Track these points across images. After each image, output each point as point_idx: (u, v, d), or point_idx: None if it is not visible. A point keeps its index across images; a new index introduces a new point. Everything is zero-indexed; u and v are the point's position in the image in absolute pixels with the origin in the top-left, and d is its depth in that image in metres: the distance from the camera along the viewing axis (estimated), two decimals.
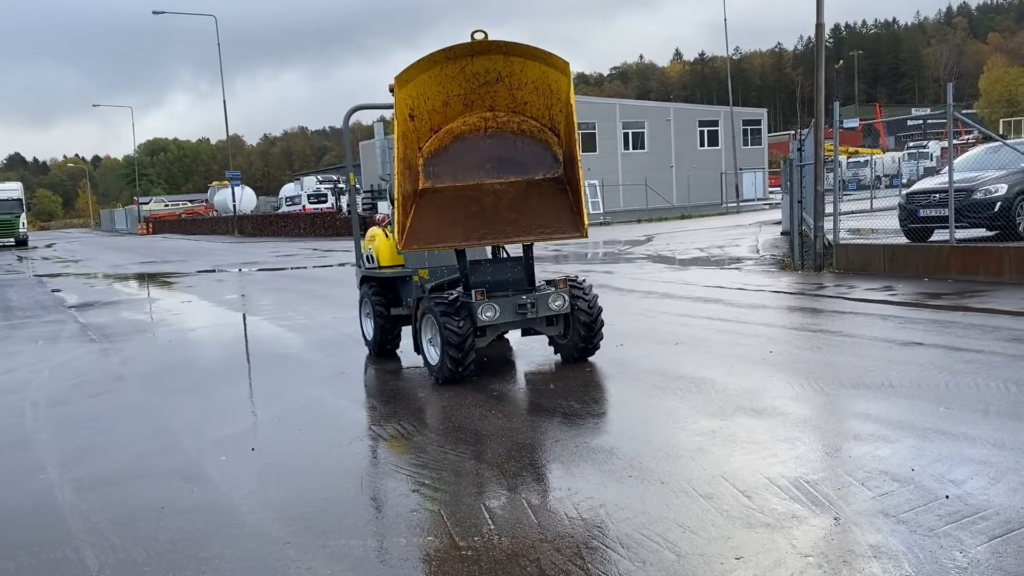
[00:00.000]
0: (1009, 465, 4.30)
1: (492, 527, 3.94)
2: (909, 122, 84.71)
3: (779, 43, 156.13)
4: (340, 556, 3.73)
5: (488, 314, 6.57)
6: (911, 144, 59.03)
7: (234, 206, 52.22)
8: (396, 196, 6.56)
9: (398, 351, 8.39)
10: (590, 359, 7.41)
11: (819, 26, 13.97)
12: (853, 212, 25.67)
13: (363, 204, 48.47)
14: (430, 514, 4.18)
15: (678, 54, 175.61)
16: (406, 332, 7.99)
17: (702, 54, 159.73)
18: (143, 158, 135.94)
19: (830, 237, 14.00)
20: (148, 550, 3.94)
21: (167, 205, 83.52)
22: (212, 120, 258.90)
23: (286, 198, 55.84)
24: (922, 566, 3.28)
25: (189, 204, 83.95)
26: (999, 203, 12.55)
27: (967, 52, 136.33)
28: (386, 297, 8.17)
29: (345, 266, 21.36)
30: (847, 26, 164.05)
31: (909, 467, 4.36)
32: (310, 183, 54.56)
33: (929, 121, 77.74)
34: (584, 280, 7.31)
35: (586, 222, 6.52)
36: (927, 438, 4.81)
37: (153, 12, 46.88)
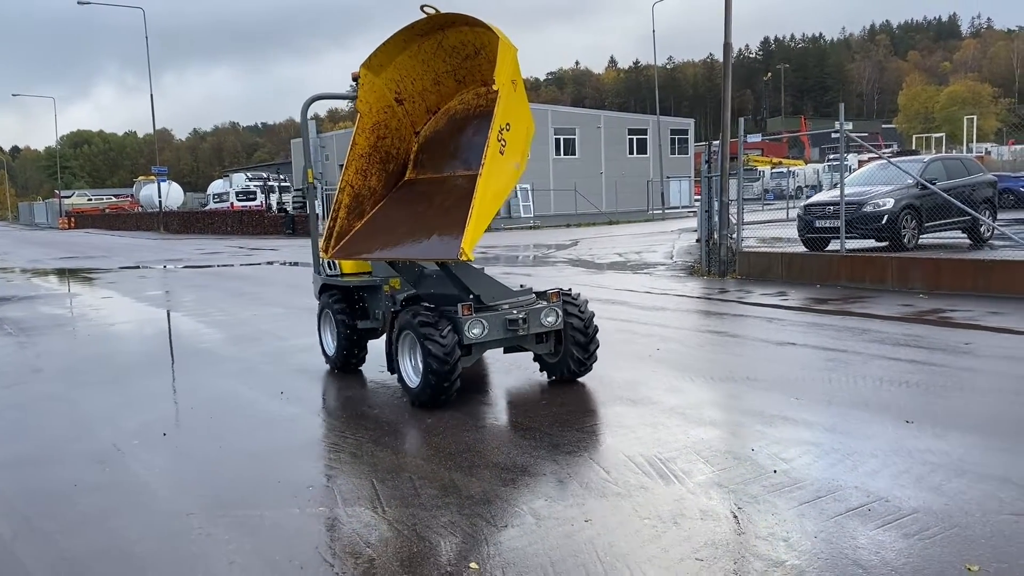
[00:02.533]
0: (834, 446, 4.96)
1: (380, 498, 4.42)
2: (834, 135, 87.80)
3: (711, 54, 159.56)
4: (239, 524, 4.16)
5: (475, 331, 5.98)
6: (831, 156, 61.37)
7: (160, 202, 51.40)
8: (340, 196, 6.19)
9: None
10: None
11: (727, 45, 14.76)
12: (771, 221, 26.86)
13: (293, 203, 48.30)
14: (323, 489, 4.62)
15: (613, 62, 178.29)
16: (373, 347, 7.49)
17: (636, 62, 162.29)
18: (66, 150, 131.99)
19: (735, 246, 14.79)
20: (60, 521, 4.30)
21: (90, 199, 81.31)
22: (139, 113, 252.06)
23: (214, 195, 55.12)
24: (739, 525, 3.87)
25: (114, 199, 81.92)
26: (886, 216, 13.53)
27: (888, 68, 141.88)
28: (351, 308, 7.44)
29: (274, 264, 21.51)
30: (776, 40, 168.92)
31: (750, 447, 4.99)
32: (239, 180, 53.99)
33: (848, 135, 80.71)
34: (579, 294, 6.70)
35: (466, 239, 5.41)
36: (772, 424, 5.45)
37: (78, 2, 45.85)
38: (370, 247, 6.36)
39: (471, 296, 6.19)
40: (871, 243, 14.10)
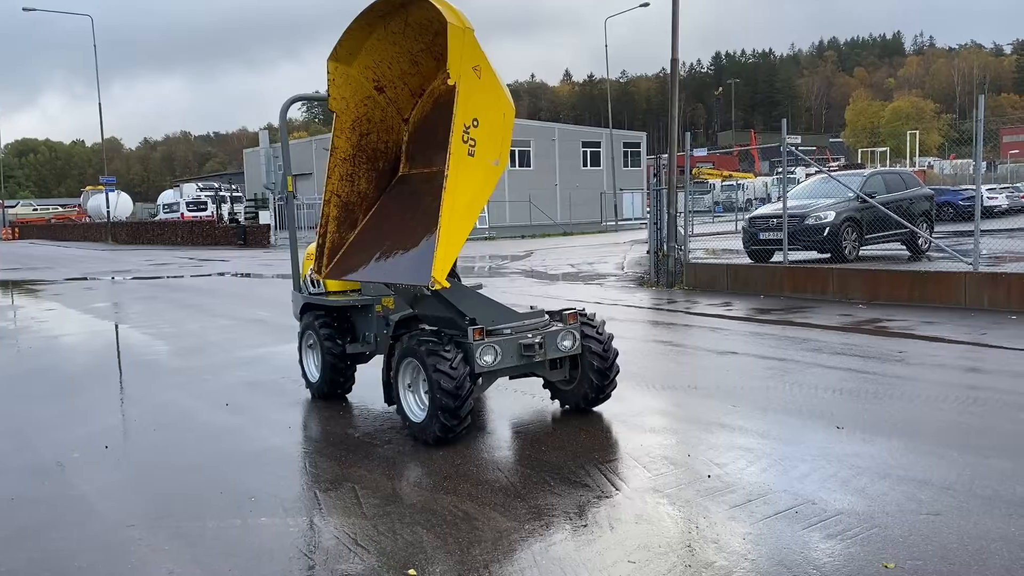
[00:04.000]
0: (766, 451, 5.12)
1: (322, 508, 4.46)
2: (787, 149, 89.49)
3: (663, 68, 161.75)
4: (180, 535, 4.17)
5: (488, 358, 5.38)
6: (779, 169, 62.63)
7: (108, 212, 50.47)
8: (327, 208, 5.53)
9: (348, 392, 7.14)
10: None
11: (674, 61, 15.06)
12: (720, 233, 27.35)
13: (245, 214, 47.79)
14: (267, 499, 4.65)
15: (568, 75, 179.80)
16: (365, 374, 6.75)
17: (590, 76, 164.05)
18: (10, 159, 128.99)
19: (683, 257, 15.05)
20: None
21: (35, 209, 79.49)
22: (88, 122, 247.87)
23: (164, 205, 54.34)
24: (672, 528, 3.99)
25: (60, 208, 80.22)
26: (827, 228, 13.90)
27: (836, 84, 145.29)
28: (338, 330, 6.80)
29: (224, 276, 21.30)
30: (727, 55, 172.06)
31: (687, 453, 5.13)
32: (189, 190, 53.33)
33: (800, 148, 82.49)
34: (595, 315, 6.16)
35: (436, 265, 4.85)
36: (710, 430, 5.61)
37: (24, 9, 44.95)
38: (360, 263, 5.67)
39: (467, 319, 5.55)
40: (814, 255, 14.47)
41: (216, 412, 6.74)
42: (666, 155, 15.57)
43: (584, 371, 5.96)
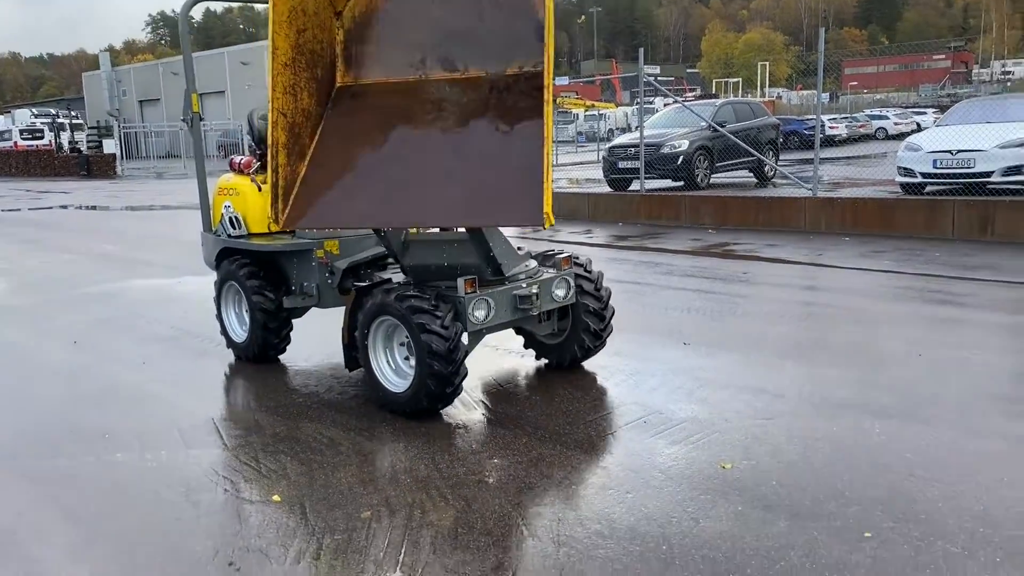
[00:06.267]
0: (619, 368, 5.40)
1: (181, 441, 4.40)
2: (644, 80, 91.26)
3: None
4: (29, 475, 4.04)
5: (479, 313, 4.59)
6: (639, 100, 63.92)
7: None
8: (275, 133, 4.34)
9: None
10: None
11: None
12: (583, 163, 27.80)
13: (88, 142, 44.75)
14: (124, 433, 4.53)
15: None
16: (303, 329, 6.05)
17: None
18: None
19: None
20: None
21: None
22: None
23: None
24: (526, 442, 4.18)
25: None
26: (681, 157, 14.42)
27: (693, 15, 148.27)
28: (268, 280, 5.75)
29: (68, 208, 20.02)
30: None
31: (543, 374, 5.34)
32: (23, 116, 49.26)
33: (659, 79, 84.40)
34: (588, 259, 5.48)
35: (547, 199, 3.94)
36: None
37: None
38: (342, 210, 4.43)
39: (494, 264, 4.76)
40: (669, 183, 15.00)
41: (64, 351, 6.44)
42: None
43: (577, 319, 5.26)
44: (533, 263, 5.14)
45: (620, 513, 3.41)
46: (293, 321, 5.89)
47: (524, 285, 4.81)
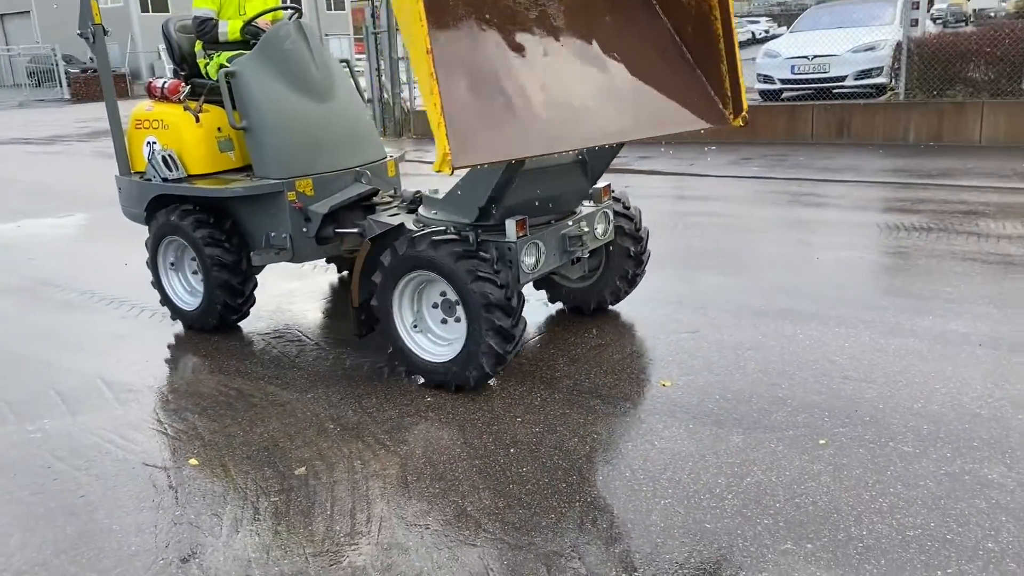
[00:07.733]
0: (540, 296, 5.24)
1: (65, 408, 3.91)
2: None
3: None
4: None
5: (529, 259, 3.90)
6: None
7: None
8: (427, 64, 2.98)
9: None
10: None
11: None
12: None
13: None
14: None
15: None
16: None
17: None
18: None
19: (408, 104, 14.72)
20: None
21: None
22: None
23: None
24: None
25: None
26: None
27: None
28: (223, 231, 4.69)
29: None
30: None
31: None
32: None
33: None
34: (625, 193, 4.75)
35: (743, 97, 3.63)
36: None
37: None
38: (513, 139, 3.22)
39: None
40: None
41: None
42: None
43: (613, 262, 4.62)
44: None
45: (574, 445, 3.28)
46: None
47: (569, 224, 4.11)
